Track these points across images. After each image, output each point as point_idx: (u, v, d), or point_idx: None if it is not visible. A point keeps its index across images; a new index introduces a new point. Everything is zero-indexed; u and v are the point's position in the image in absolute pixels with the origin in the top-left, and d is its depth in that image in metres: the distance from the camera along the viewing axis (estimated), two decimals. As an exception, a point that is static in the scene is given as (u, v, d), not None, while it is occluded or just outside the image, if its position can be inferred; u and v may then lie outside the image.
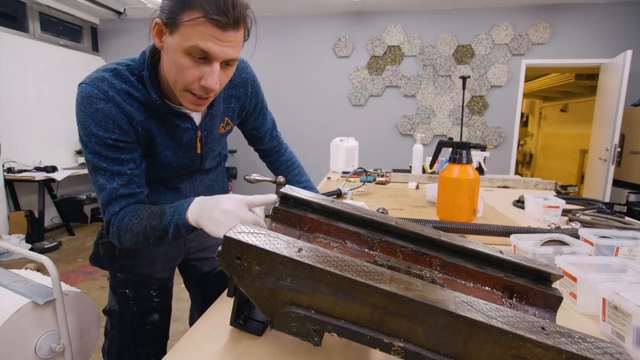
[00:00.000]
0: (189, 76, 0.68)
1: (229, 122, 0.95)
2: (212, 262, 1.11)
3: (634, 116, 4.05)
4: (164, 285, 1.00)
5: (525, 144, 8.15)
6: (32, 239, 3.74)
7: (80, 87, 0.73)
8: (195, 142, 0.87)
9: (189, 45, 0.65)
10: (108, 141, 0.72)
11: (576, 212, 1.34)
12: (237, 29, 0.67)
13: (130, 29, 5.00)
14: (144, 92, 0.75)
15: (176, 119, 0.81)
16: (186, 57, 0.66)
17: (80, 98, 0.72)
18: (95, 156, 0.72)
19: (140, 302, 0.96)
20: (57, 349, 0.96)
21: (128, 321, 0.95)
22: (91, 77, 0.73)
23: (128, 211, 0.74)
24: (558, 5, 4.24)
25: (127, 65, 0.76)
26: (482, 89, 4.47)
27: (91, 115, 0.71)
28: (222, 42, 0.66)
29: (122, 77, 0.74)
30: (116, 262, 0.92)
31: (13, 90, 3.82)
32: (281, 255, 0.45)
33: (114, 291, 0.95)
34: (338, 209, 0.59)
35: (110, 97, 0.72)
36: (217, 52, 0.66)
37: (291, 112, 4.89)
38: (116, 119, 0.72)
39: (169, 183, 0.90)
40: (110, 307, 0.96)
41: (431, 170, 2.36)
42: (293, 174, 1.18)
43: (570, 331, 0.40)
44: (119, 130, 0.73)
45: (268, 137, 1.13)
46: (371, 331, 0.44)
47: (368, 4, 4.37)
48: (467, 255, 0.57)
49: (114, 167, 0.73)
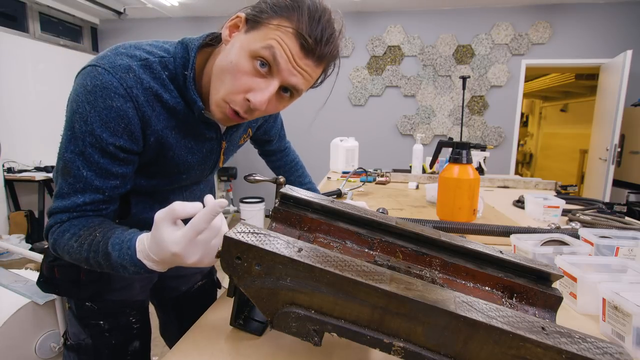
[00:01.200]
0: (239, 82, 0.57)
1: (250, 132, 0.86)
2: (190, 279, 0.98)
3: (634, 116, 4.05)
4: (142, 307, 0.85)
5: (525, 144, 8.15)
6: (32, 239, 3.74)
7: (94, 72, 0.56)
8: (217, 154, 0.76)
9: (261, 46, 0.55)
10: (109, 148, 0.58)
11: (576, 212, 1.34)
12: (319, 63, 0.59)
13: (130, 29, 5.00)
14: (174, 94, 0.63)
15: (203, 127, 0.69)
16: (249, 60, 0.57)
17: (92, 86, 0.55)
18: (79, 158, 0.57)
19: (118, 332, 0.79)
20: (57, 349, 0.96)
21: (105, 356, 0.78)
22: (113, 62, 0.57)
23: (73, 224, 0.59)
24: (558, 5, 4.24)
25: (160, 57, 0.61)
26: (482, 89, 4.47)
27: (101, 112, 0.56)
28: (296, 64, 0.57)
29: (153, 72, 0.60)
30: (84, 289, 0.74)
31: (13, 90, 3.82)
32: (281, 255, 0.45)
33: (83, 322, 0.76)
34: (338, 209, 0.59)
35: (133, 96, 0.58)
36: (285, 68, 0.56)
37: (291, 112, 4.89)
38: (130, 123, 0.58)
39: (158, 195, 0.75)
40: (80, 341, 0.77)
41: (431, 170, 2.36)
42: (296, 174, 1.14)
43: (570, 331, 0.40)
44: (127, 136, 0.59)
45: (277, 139, 1.08)
46: (371, 331, 0.44)
47: (368, 4, 4.37)
48: (467, 255, 0.57)
49: (95, 182, 0.59)
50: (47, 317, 0.96)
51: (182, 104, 0.64)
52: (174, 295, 0.97)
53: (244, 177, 0.95)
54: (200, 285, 1.02)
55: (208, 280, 1.04)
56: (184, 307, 0.99)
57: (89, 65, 0.58)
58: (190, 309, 0.98)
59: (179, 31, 4.94)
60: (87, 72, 0.57)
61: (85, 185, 0.59)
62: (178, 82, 0.63)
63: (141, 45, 0.62)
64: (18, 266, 2.68)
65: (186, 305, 0.99)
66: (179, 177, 0.73)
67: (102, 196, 0.60)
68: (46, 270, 0.75)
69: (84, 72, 0.57)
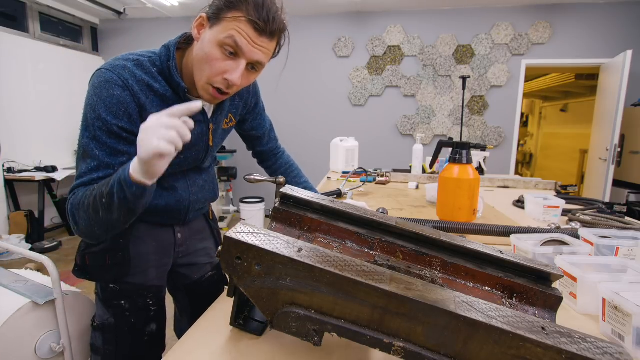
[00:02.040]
0: (215, 67, 0.72)
1: (232, 118, 0.97)
2: (201, 268, 1.07)
3: (634, 116, 4.05)
4: (159, 293, 0.97)
5: (525, 144, 8.15)
6: (32, 239, 3.74)
7: (100, 72, 0.73)
8: (207, 135, 0.88)
9: (224, 36, 0.69)
10: (113, 128, 0.71)
11: (576, 212, 1.34)
12: (271, 38, 0.73)
13: (130, 29, 5.00)
14: (163, 84, 0.78)
15: None
16: (218, 49, 0.71)
17: (97, 82, 0.72)
18: (92, 141, 0.71)
19: (137, 313, 0.91)
20: (57, 349, 0.96)
21: (125, 334, 0.90)
22: (112, 64, 0.74)
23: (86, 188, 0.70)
24: (558, 5, 4.24)
25: (148, 57, 0.78)
26: (482, 89, 4.47)
27: (105, 99, 0.71)
28: (255, 44, 0.71)
29: (143, 68, 0.76)
30: (108, 271, 0.87)
31: (13, 90, 3.81)
32: (281, 255, 0.45)
33: (107, 304, 0.89)
34: (338, 209, 0.59)
35: (128, 86, 0.73)
36: (247, 50, 0.71)
37: (291, 112, 4.89)
38: (128, 108, 0.73)
39: (165, 182, 0.88)
40: (104, 321, 0.89)
41: (431, 170, 2.36)
42: (292, 175, 1.18)
43: (570, 331, 0.40)
44: (127, 119, 0.73)
45: (266, 139, 1.14)
46: (371, 331, 0.44)
47: (368, 4, 4.37)
48: (467, 255, 0.57)
49: (106, 159, 0.72)
50: (47, 317, 0.96)
51: (170, 91, 0.79)
52: (187, 282, 1.06)
53: (244, 177, 0.95)
54: (211, 275, 1.09)
55: (218, 273, 1.12)
56: (196, 295, 1.08)
57: (97, 70, 0.75)
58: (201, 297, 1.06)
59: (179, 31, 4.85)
60: (95, 75, 0.74)
61: (99, 163, 0.71)
62: (165, 74, 0.78)
63: (135, 52, 0.79)
64: (18, 266, 2.68)
65: (198, 293, 1.08)
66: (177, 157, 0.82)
67: (112, 171, 0.71)
68: (79, 260, 0.88)
69: (94, 76, 0.74)
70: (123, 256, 0.87)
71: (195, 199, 0.94)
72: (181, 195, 0.90)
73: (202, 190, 0.97)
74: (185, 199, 0.91)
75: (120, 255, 0.86)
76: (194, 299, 1.08)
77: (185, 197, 0.91)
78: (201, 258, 1.06)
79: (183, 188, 0.91)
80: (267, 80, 4.67)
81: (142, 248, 0.89)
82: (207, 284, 1.08)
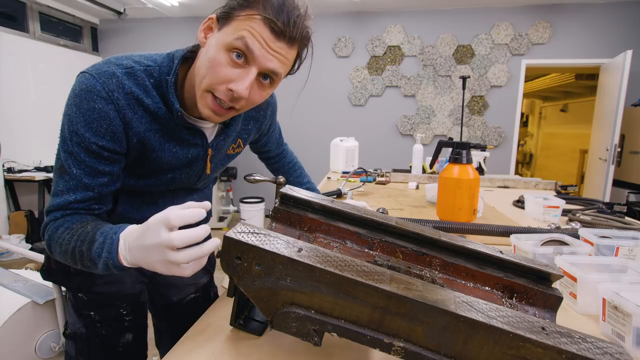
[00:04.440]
0: (218, 74, 0.60)
1: (241, 144, 0.86)
2: (182, 289, 0.98)
3: (634, 116, 4.05)
4: (136, 300, 0.87)
5: (525, 144, 8.15)
6: (32, 239, 3.74)
7: (82, 77, 0.62)
8: (203, 161, 0.77)
9: (233, 37, 0.58)
10: (92, 147, 0.61)
11: (576, 212, 1.34)
12: (290, 45, 0.60)
13: (130, 29, 5.00)
14: (156, 99, 0.66)
15: (186, 133, 0.71)
16: (225, 53, 0.59)
17: (78, 89, 0.61)
18: (70, 157, 0.62)
19: (109, 323, 0.82)
20: (57, 349, 0.96)
21: (97, 345, 0.82)
22: (99, 68, 0.62)
23: (67, 220, 0.62)
24: (558, 5, 4.24)
25: (145, 66, 0.66)
26: (482, 89, 4.47)
27: (84, 112, 0.60)
28: (269, 48, 0.58)
29: (135, 79, 0.64)
30: (72, 280, 0.79)
31: (13, 90, 3.81)
32: (281, 255, 0.45)
33: (77, 312, 0.81)
34: (338, 209, 0.59)
35: (113, 99, 0.61)
36: (259, 55, 0.58)
37: (291, 112, 4.89)
38: (112, 124, 0.62)
39: (146, 196, 0.77)
40: (75, 330, 0.82)
41: (431, 170, 2.36)
42: (295, 175, 1.16)
43: (570, 331, 0.40)
44: (109, 137, 0.62)
45: (275, 147, 1.10)
46: (371, 331, 0.44)
47: (368, 4, 4.37)
48: (467, 255, 0.57)
49: (84, 179, 0.62)
50: (47, 317, 0.96)
51: (163, 109, 0.67)
52: (165, 303, 0.97)
53: (244, 177, 0.94)
54: (193, 298, 1.00)
55: (203, 294, 1.02)
56: (174, 317, 0.98)
57: (81, 72, 0.63)
58: (180, 319, 0.96)
59: (179, 31, 4.94)
60: (78, 79, 0.62)
61: (76, 182, 0.62)
62: (162, 88, 0.66)
63: (132, 56, 0.67)
64: (18, 266, 2.68)
65: (177, 315, 0.98)
66: (164, 177, 0.75)
67: (92, 193, 0.64)
68: (46, 260, 0.81)
69: (77, 79, 0.63)
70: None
71: None
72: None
73: None
74: None
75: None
76: (174, 320, 0.99)
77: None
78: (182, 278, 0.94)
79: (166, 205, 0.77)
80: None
81: None
82: (189, 306, 0.99)
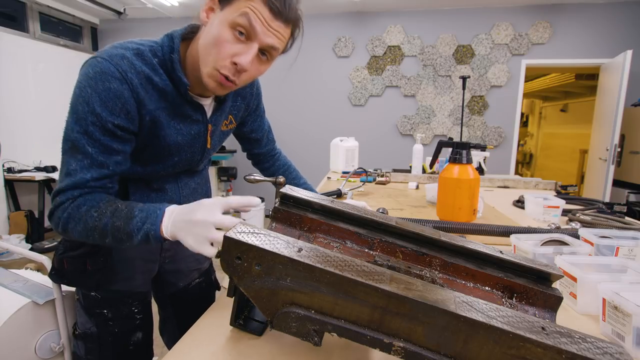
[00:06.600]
0: (224, 50, 0.65)
1: (232, 120, 0.92)
2: (188, 275, 1.02)
3: (634, 116, 4.05)
4: (144, 299, 0.91)
5: (525, 144, 8.15)
6: (32, 239, 3.74)
7: (95, 61, 0.65)
8: (204, 136, 0.82)
9: (237, 15, 0.63)
10: (108, 125, 0.65)
11: (576, 212, 1.34)
12: (286, 24, 0.68)
13: (130, 29, 5.00)
14: (163, 77, 0.71)
15: (189, 109, 0.76)
16: (229, 30, 0.65)
17: (92, 73, 0.64)
18: (84, 137, 0.64)
19: (121, 322, 0.85)
20: (57, 349, 0.96)
21: (109, 344, 0.84)
22: (110, 52, 0.66)
23: (88, 199, 0.65)
24: (558, 5, 4.24)
25: (149, 47, 0.70)
26: (482, 89, 4.47)
27: (100, 93, 0.64)
28: (269, 26, 0.65)
29: (143, 59, 0.69)
30: (90, 278, 0.80)
31: (13, 90, 3.81)
32: (281, 255, 0.45)
33: (89, 312, 0.84)
34: (338, 209, 0.59)
35: (127, 79, 0.66)
36: (261, 32, 0.65)
37: (291, 112, 4.89)
38: (126, 103, 0.66)
39: (154, 183, 0.83)
40: (85, 330, 0.84)
41: (431, 170, 2.36)
42: (291, 177, 1.15)
43: (570, 331, 0.40)
44: (124, 116, 0.67)
45: (265, 140, 1.11)
46: (371, 331, 0.44)
47: (368, 4, 4.37)
48: (467, 255, 0.57)
49: (99, 157, 0.66)
50: (47, 317, 0.96)
51: (170, 86, 0.72)
52: (172, 290, 1.01)
53: (244, 177, 0.94)
54: (198, 283, 1.04)
55: (205, 279, 1.07)
56: (181, 304, 1.02)
57: (91, 57, 0.67)
58: (187, 305, 1.02)
59: (179, 31, 4.93)
60: (89, 63, 0.66)
61: (91, 160, 0.65)
62: (166, 66, 0.71)
63: (134, 41, 0.72)
64: (18, 266, 2.68)
65: (184, 301, 1.02)
66: (171, 159, 0.80)
67: (107, 171, 0.67)
68: (57, 263, 0.82)
69: (87, 63, 0.66)
70: (105, 261, 0.80)
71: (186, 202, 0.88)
72: (171, 198, 0.85)
73: (194, 194, 0.93)
74: (174, 201, 0.86)
75: (102, 260, 0.80)
76: (180, 307, 1.02)
77: (175, 200, 0.86)
78: (188, 264, 1.00)
79: (173, 190, 0.87)
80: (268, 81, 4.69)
81: (127, 253, 0.84)
82: (194, 291, 1.03)
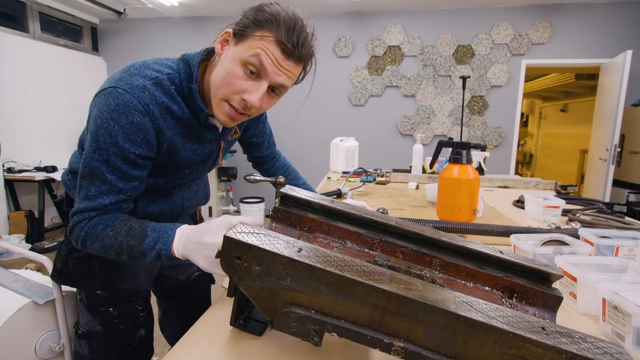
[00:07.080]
0: (234, 85, 0.68)
1: (236, 130, 0.94)
2: (187, 268, 1.05)
3: (634, 116, 4.05)
4: (147, 297, 0.95)
5: (525, 144, 8.15)
6: (32, 239, 3.74)
7: (115, 92, 0.66)
8: (217, 153, 0.86)
9: (249, 54, 0.66)
10: (130, 155, 0.67)
11: (576, 212, 1.34)
12: (298, 63, 0.69)
13: (130, 29, 4.99)
14: (181, 105, 0.73)
15: (205, 131, 0.80)
16: (240, 67, 0.67)
17: (114, 104, 0.65)
18: (104, 165, 0.67)
19: (126, 319, 0.88)
20: (57, 349, 0.96)
21: (114, 342, 0.87)
22: (130, 83, 0.67)
23: (104, 219, 0.68)
24: (558, 5, 4.24)
25: (167, 74, 0.72)
26: (482, 89, 4.47)
27: (124, 126, 0.65)
28: (280, 66, 0.67)
29: (163, 89, 0.71)
30: (96, 278, 0.83)
31: (13, 90, 3.81)
32: (281, 255, 0.45)
33: (93, 311, 0.85)
34: (338, 209, 0.59)
35: (149, 111, 0.68)
36: (271, 71, 0.67)
37: (291, 112, 4.89)
38: (147, 134, 0.68)
39: (161, 190, 0.86)
40: (89, 329, 0.86)
41: (431, 170, 2.36)
42: (290, 178, 1.17)
43: (570, 331, 0.40)
44: (145, 145, 0.69)
45: (266, 144, 1.13)
46: (371, 331, 0.44)
47: (368, 4, 4.37)
48: (467, 255, 0.57)
49: (118, 184, 0.69)
50: (47, 317, 0.96)
51: (188, 114, 0.74)
52: (173, 284, 1.05)
53: (244, 177, 0.95)
54: (197, 276, 1.09)
55: (205, 272, 1.11)
56: (182, 297, 1.07)
57: (110, 86, 0.67)
58: (188, 298, 1.06)
59: (179, 31, 4.94)
60: (109, 93, 0.66)
61: (110, 187, 0.68)
62: (184, 94, 0.73)
63: (149, 65, 0.72)
64: (18, 266, 2.68)
65: (184, 294, 1.07)
66: (183, 173, 0.83)
67: (124, 196, 0.70)
68: (60, 264, 0.84)
69: (106, 93, 0.66)
70: (111, 261, 0.83)
71: (189, 204, 0.94)
72: (175, 202, 0.89)
73: (195, 196, 0.97)
74: (179, 205, 0.90)
75: (107, 260, 0.83)
76: (181, 300, 1.06)
77: (179, 203, 0.90)
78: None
79: (178, 195, 0.90)
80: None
81: None
82: (193, 284, 1.07)
